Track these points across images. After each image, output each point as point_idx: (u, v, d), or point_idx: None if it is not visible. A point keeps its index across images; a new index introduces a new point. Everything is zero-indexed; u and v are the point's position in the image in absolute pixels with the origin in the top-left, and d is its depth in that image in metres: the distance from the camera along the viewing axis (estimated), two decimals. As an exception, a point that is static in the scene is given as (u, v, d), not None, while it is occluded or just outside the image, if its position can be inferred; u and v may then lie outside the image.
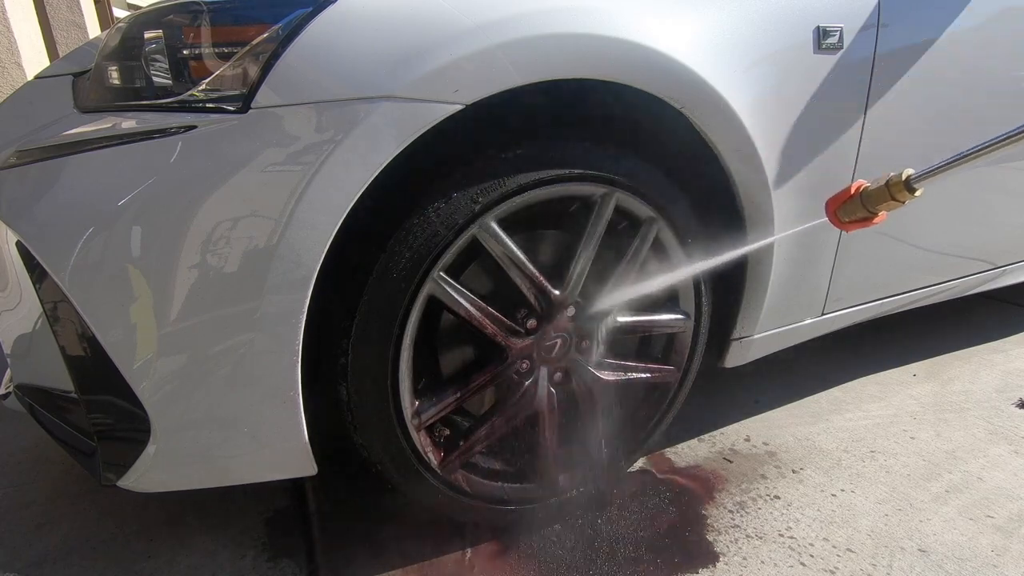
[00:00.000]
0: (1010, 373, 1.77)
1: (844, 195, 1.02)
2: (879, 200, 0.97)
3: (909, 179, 0.95)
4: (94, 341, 0.83)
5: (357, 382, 0.97)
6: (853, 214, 1.01)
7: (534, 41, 0.89)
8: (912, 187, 0.95)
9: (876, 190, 0.98)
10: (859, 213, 1.00)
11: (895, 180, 0.96)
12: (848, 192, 1.01)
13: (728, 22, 1.06)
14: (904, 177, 0.95)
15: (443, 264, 0.97)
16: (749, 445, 1.45)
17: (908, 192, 0.96)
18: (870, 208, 0.99)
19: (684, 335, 1.27)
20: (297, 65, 0.82)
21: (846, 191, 1.01)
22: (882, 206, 0.98)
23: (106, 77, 0.90)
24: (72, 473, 1.33)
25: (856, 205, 1.00)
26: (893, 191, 0.96)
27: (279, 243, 0.82)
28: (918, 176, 0.95)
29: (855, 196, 1.00)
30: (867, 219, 1.01)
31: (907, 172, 0.96)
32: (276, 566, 1.10)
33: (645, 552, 1.13)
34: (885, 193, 0.97)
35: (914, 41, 1.24)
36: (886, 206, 0.98)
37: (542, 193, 1.00)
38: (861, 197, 0.99)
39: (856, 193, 1.00)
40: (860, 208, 1.00)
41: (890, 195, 0.96)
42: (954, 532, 1.17)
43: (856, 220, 1.01)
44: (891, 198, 0.96)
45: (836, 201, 1.03)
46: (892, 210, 0.99)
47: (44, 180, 0.86)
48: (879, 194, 0.97)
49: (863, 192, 0.99)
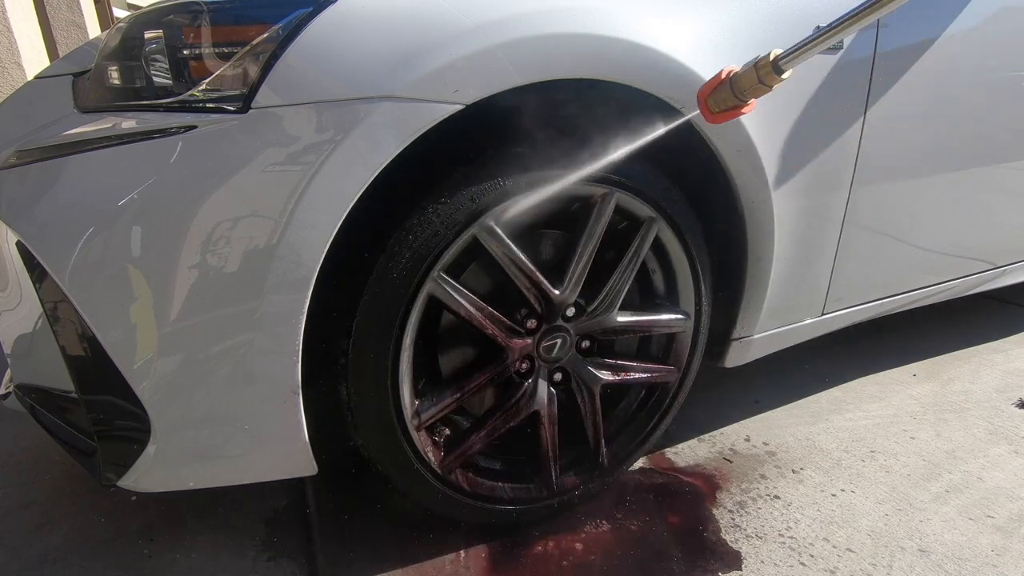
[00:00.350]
0: (1010, 373, 1.77)
1: (715, 82, 0.96)
2: (748, 84, 0.92)
3: (777, 59, 0.90)
4: (94, 341, 0.83)
5: (357, 382, 0.97)
6: (724, 103, 0.96)
7: (534, 41, 0.89)
8: (780, 68, 0.90)
9: (744, 74, 0.92)
10: (729, 102, 0.95)
11: (763, 62, 0.91)
12: (719, 78, 0.96)
13: (728, 22, 1.06)
14: (772, 58, 0.90)
15: (443, 264, 0.97)
16: (749, 445, 1.45)
17: (776, 74, 0.90)
18: (739, 95, 0.93)
19: (684, 335, 1.27)
20: (297, 65, 0.82)
21: (716, 77, 0.96)
22: (750, 91, 0.93)
23: (106, 77, 0.90)
24: (72, 473, 1.33)
25: (726, 93, 0.94)
26: (761, 74, 0.91)
27: (279, 243, 0.82)
28: (786, 55, 0.89)
29: (724, 82, 0.95)
30: (737, 107, 0.95)
31: (775, 52, 0.91)
32: (276, 566, 1.10)
33: (645, 552, 1.13)
34: (753, 76, 0.91)
35: (914, 41, 1.24)
36: (754, 91, 0.92)
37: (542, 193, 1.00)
38: (730, 84, 0.94)
39: (726, 79, 0.95)
40: (730, 96, 0.94)
41: (758, 78, 0.91)
42: (954, 532, 1.17)
43: (727, 110, 0.96)
44: (759, 82, 0.91)
45: (707, 89, 0.97)
46: (761, 96, 0.94)
47: (44, 180, 0.86)
48: (747, 78, 0.92)
49: (732, 78, 0.94)
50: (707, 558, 1.12)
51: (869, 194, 1.29)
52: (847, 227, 1.31)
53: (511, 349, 1.08)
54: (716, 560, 1.11)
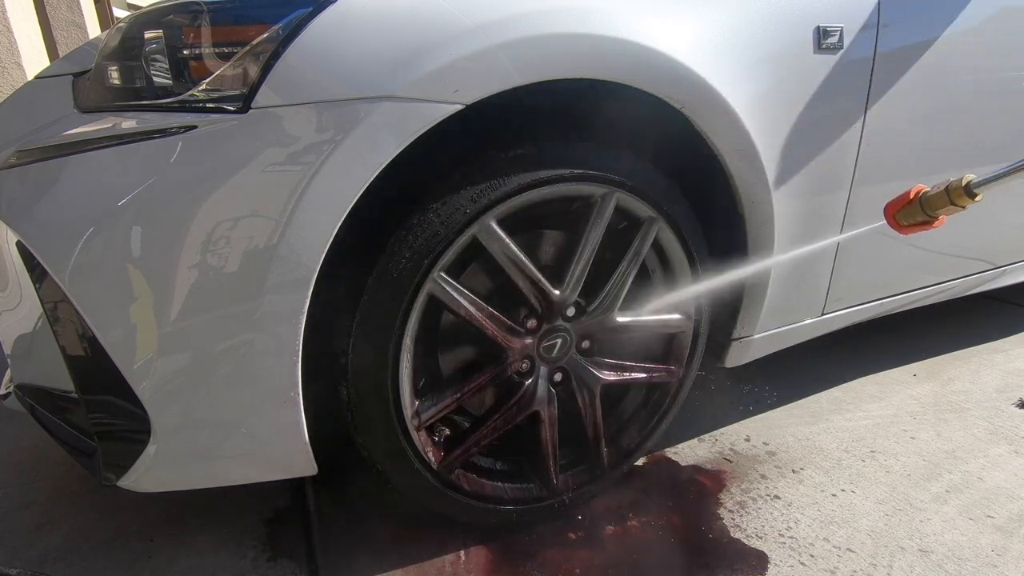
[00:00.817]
0: (1010, 373, 1.77)
1: (903, 200, 1.03)
2: (938, 205, 0.99)
3: (970, 185, 0.96)
4: (94, 341, 0.83)
5: (357, 382, 0.97)
6: (912, 218, 1.03)
7: (534, 41, 0.89)
8: (972, 192, 0.96)
9: (936, 195, 0.99)
10: (918, 217, 1.02)
11: (955, 186, 0.97)
12: (907, 197, 1.03)
13: (728, 22, 1.06)
14: (964, 183, 0.96)
15: (443, 264, 0.97)
16: (749, 445, 1.45)
17: (968, 197, 0.96)
18: (929, 213, 1.00)
19: (684, 335, 1.27)
20: (297, 65, 0.82)
21: (905, 196, 1.03)
22: (942, 211, 0.99)
23: (106, 77, 0.90)
24: (72, 473, 1.33)
25: (915, 210, 1.01)
26: (953, 196, 0.97)
27: (279, 243, 0.82)
28: (979, 182, 0.96)
29: (914, 201, 1.01)
30: (927, 223, 1.02)
31: (968, 177, 0.97)
32: (276, 566, 1.10)
33: (645, 552, 1.13)
34: (945, 198, 0.98)
35: (914, 41, 1.24)
36: (946, 211, 0.99)
37: (542, 193, 1.01)
38: (920, 202, 1.01)
39: (915, 198, 1.01)
40: (919, 213, 1.01)
41: (950, 200, 0.97)
42: (954, 532, 1.17)
43: (915, 224, 1.03)
44: (951, 203, 0.97)
45: (895, 205, 1.04)
46: (952, 215, 1.00)
47: (44, 180, 0.86)
48: (939, 199, 0.99)
49: (922, 197, 1.01)
50: (707, 558, 1.12)
51: (869, 194, 1.29)
52: (847, 227, 1.31)
53: (511, 349, 1.08)
54: (716, 560, 1.11)
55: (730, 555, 1.12)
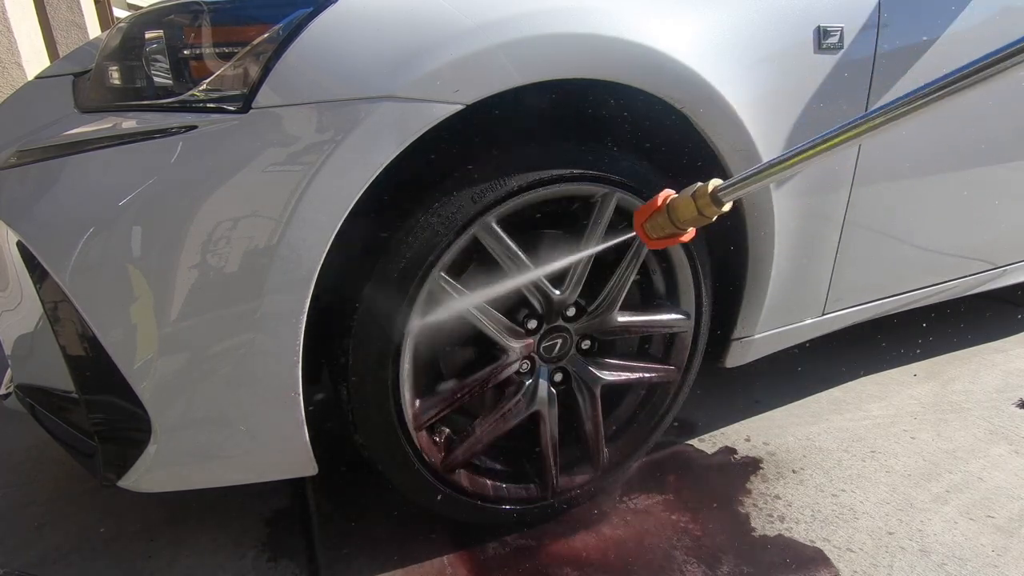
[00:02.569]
0: (1010, 373, 1.77)
1: (651, 206, 0.91)
2: (686, 214, 0.87)
3: (716, 191, 0.85)
4: (95, 341, 0.83)
5: (357, 382, 0.97)
6: (661, 230, 0.91)
7: (534, 41, 0.89)
8: (720, 200, 0.85)
9: (682, 202, 0.87)
10: (667, 229, 0.90)
11: (701, 191, 0.85)
12: (655, 204, 0.91)
13: (729, 22, 1.06)
14: (711, 189, 0.85)
15: (444, 264, 0.97)
16: (749, 445, 1.45)
17: (715, 206, 0.85)
18: (678, 224, 0.88)
19: (684, 335, 1.27)
20: (298, 65, 0.82)
21: (653, 202, 0.91)
22: (688, 221, 0.88)
23: (107, 77, 0.90)
24: (72, 473, 1.33)
25: (664, 220, 0.89)
26: (700, 205, 0.85)
27: (280, 243, 0.82)
28: (725, 188, 0.85)
29: (661, 209, 0.90)
30: (675, 235, 0.90)
31: (713, 183, 0.86)
32: (276, 566, 1.10)
33: (644, 552, 1.13)
34: (691, 206, 0.86)
35: (914, 41, 1.24)
36: (694, 221, 0.87)
37: (543, 193, 1.00)
38: (668, 211, 0.89)
39: (663, 206, 0.90)
40: (668, 223, 0.89)
41: (697, 209, 0.86)
42: (955, 532, 1.17)
43: (664, 237, 0.91)
44: (698, 212, 0.86)
45: (643, 213, 0.92)
46: (700, 226, 0.89)
47: (45, 180, 0.86)
48: (685, 207, 0.87)
49: (669, 204, 0.89)
50: (707, 559, 1.12)
51: (869, 194, 1.29)
52: (847, 227, 1.30)
53: (512, 349, 1.08)
54: (716, 561, 1.11)
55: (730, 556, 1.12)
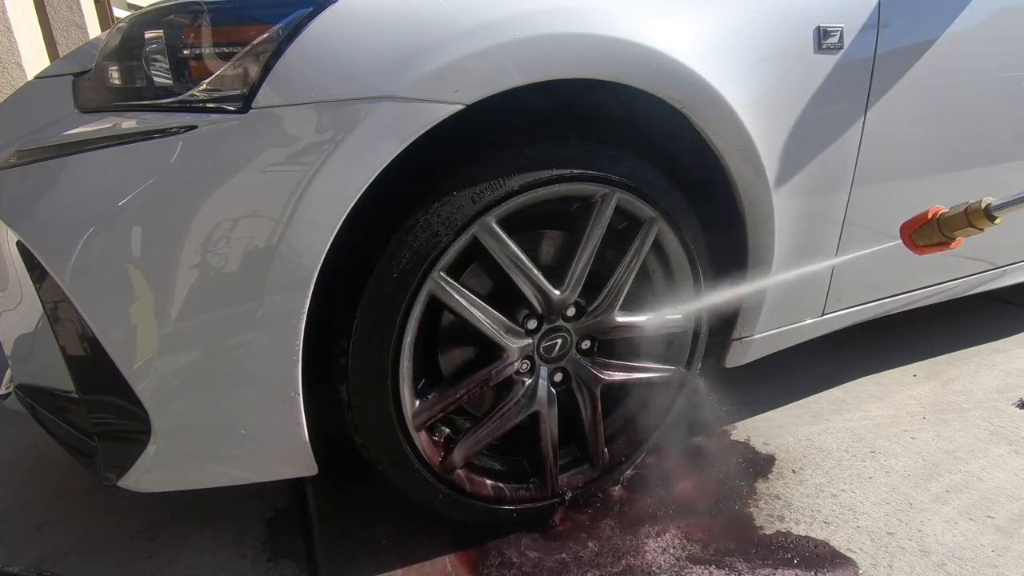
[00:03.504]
0: (1010, 373, 1.77)
1: (920, 220, 1.03)
2: (956, 227, 0.99)
3: (990, 208, 0.96)
4: (94, 341, 0.83)
5: (357, 382, 0.97)
6: (929, 239, 1.02)
7: (535, 41, 0.89)
8: (992, 215, 0.96)
9: (954, 217, 0.99)
10: (935, 238, 1.01)
11: (974, 208, 0.97)
12: (925, 217, 1.02)
13: (728, 22, 1.06)
14: (984, 206, 0.96)
15: (443, 264, 0.97)
16: (749, 445, 1.45)
17: (988, 220, 0.96)
18: (947, 234, 1.00)
19: (684, 335, 1.27)
20: (298, 65, 0.82)
21: (923, 216, 1.03)
22: (959, 232, 0.99)
23: (106, 77, 0.90)
24: (72, 473, 1.33)
25: (932, 230, 1.01)
26: (972, 219, 0.97)
27: (279, 243, 0.82)
28: (1000, 205, 0.96)
29: (931, 222, 1.01)
30: (944, 244, 1.02)
31: (987, 200, 0.96)
32: (276, 566, 1.10)
33: (643, 553, 1.13)
34: (963, 220, 0.98)
35: (914, 41, 1.24)
36: (963, 232, 0.99)
37: (542, 193, 1.00)
38: (938, 223, 1.00)
39: (933, 219, 1.01)
40: (937, 234, 1.01)
41: (969, 222, 0.97)
42: (954, 532, 1.17)
43: (932, 244, 1.03)
44: (969, 224, 0.97)
45: (912, 226, 1.04)
46: (970, 236, 1.00)
47: (44, 180, 0.86)
48: (956, 221, 0.98)
49: (940, 218, 1.00)
50: (706, 559, 1.12)
51: (869, 194, 1.29)
52: (847, 227, 1.31)
53: (511, 349, 1.08)
54: (716, 561, 1.11)
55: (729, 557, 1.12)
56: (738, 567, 1.09)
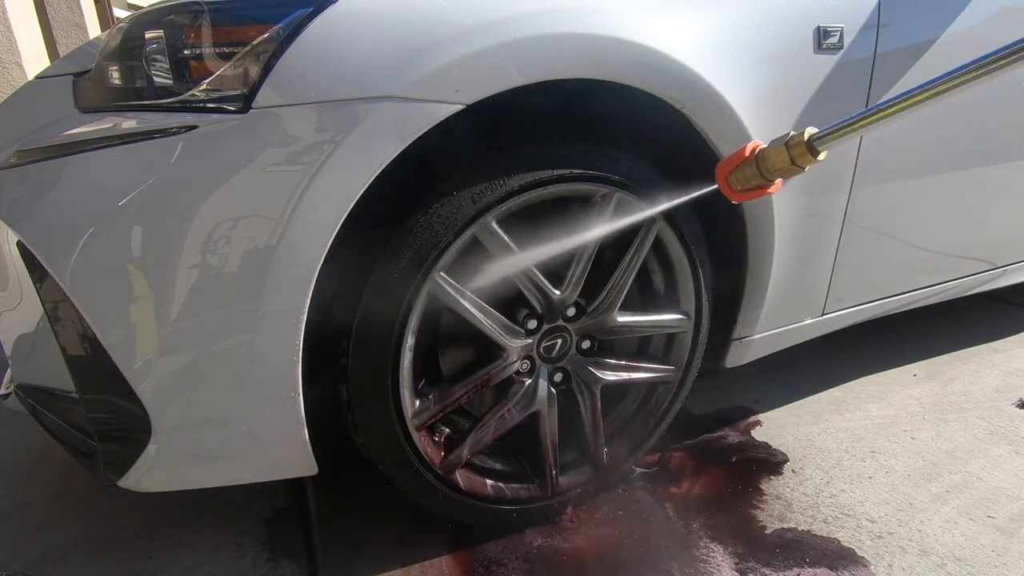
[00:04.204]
0: (1010, 373, 1.77)
1: (738, 158, 0.87)
2: (777, 164, 0.83)
3: (812, 139, 0.81)
4: (95, 341, 0.83)
5: (357, 382, 0.97)
6: (747, 181, 0.87)
7: (535, 41, 0.89)
8: (816, 149, 0.81)
9: (774, 151, 0.83)
10: (754, 180, 0.86)
11: (796, 140, 0.81)
12: (742, 154, 0.87)
13: (729, 22, 1.06)
14: (807, 137, 0.80)
15: (444, 264, 0.97)
16: (749, 445, 1.45)
17: (811, 155, 0.81)
18: (766, 174, 0.85)
19: (684, 335, 1.27)
20: (298, 65, 0.82)
21: (740, 153, 0.87)
22: (779, 171, 0.84)
23: (107, 77, 0.90)
24: (72, 473, 1.33)
25: (751, 170, 0.86)
26: (794, 154, 0.81)
27: (279, 243, 0.82)
28: (822, 135, 0.80)
29: (750, 159, 0.86)
30: (762, 187, 0.87)
31: (809, 131, 0.81)
32: (276, 566, 1.10)
33: (641, 553, 1.13)
34: (784, 155, 0.82)
35: (915, 41, 1.24)
36: (784, 171, 0.84)
37: (542, 193, 1.00)
38: (756, 160, 0.85)
39: (751, 155, 0.86)
40: (756, 174, 0.85)
41: (790, 158, 0.82)
42: (954, 532, 1.17)
43: (750, 188, 0.88)
44: (791, 162, 0.82)
45: (728, 165, 0.89)
46: (790, 177, 0.85)
47: (45, 180, 0.86)
48: (777, 156, 0.83)
49: (759, 154, 0.85)
50: (706, 559, 1.12)
51: (869, 194, 1.29)
52: (847, 227, 1.31)
53: (511, 349, 1.08)
54: (715, 561, 1.11)
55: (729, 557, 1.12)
56: (737, 567, 1.09)
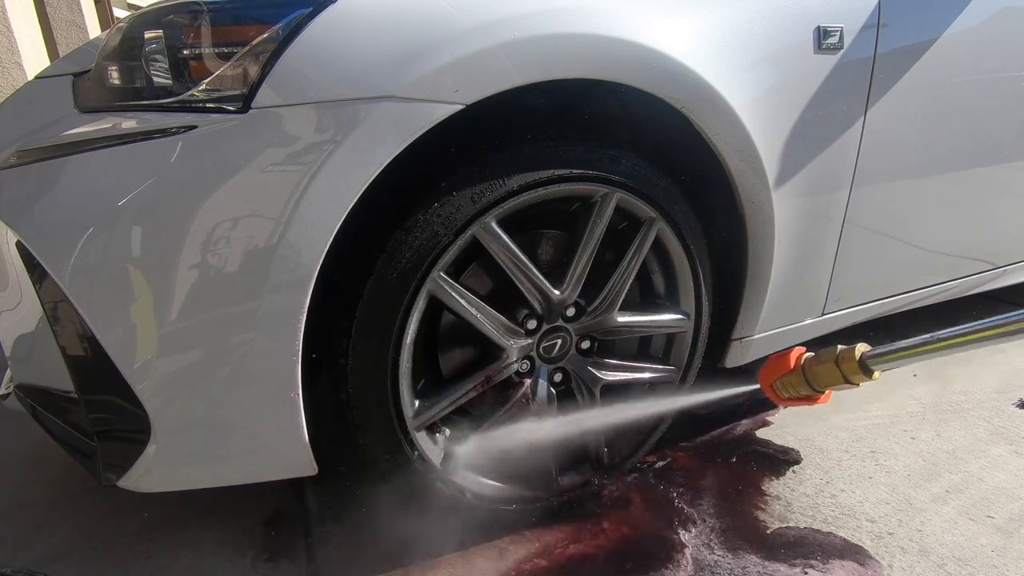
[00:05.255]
0: (1010, 373, 1.77)
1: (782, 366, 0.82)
2: (829, 381, 0.79)
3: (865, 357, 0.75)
4: (94, 341, 0.83)
5: (357, 382, 0.97)
6: (795, 391, 0.82)
7: (534, 41, 0.89)
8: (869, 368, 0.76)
9: (825, 369, 0.78)
10: (802, 390, 0.81)
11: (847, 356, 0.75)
12: (787, 363, 0.82)
13: (728, 22, 1.06)
14: (859, 356, 0.76)
15: (443, 264, 0.97)
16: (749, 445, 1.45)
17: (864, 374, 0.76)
18: (816, 387, 0.80)
19: (684, 335, 1.27)
20: (297, 65, 0.82)
21: (784, 361, 0.81)
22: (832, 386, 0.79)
23: (106, 77, 0.90)
24: (72, 473, 1.33)
25: (799, 381, 0.80)
26: (846, 370, 0.77)
27: (279, 243, 0.82)
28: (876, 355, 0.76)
29: (795, 370, 0.81)
30: (812, 397, 0.82)
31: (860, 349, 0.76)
32: (276, 566, 1.10)
33: (642, 552, 1.13)
34: (836, 373, 0.77)
35: (915, 41, 1.24)
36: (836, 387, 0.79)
37: (542, 193, 1.00)
38: (804, 372, 0.80)
39: (796, 367, 0.81)
40: (803, 385, 0.80)
41: (842, 375, 0.77)
42: (954, 532, 1.17)
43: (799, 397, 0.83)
44: (844, 380, 0.77)
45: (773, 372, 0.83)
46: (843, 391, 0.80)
47: (44, 180, 0.86)
48: (829, 374, 0.78)
49: (806, 367, 0.80)
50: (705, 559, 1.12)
51: (869, 194, 1.29)
52: (847, 227, 1.30)
53: (511, 349, 1.08)
54: (714, 561, 1.11)
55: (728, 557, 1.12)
56: (736, 567, 1.09)
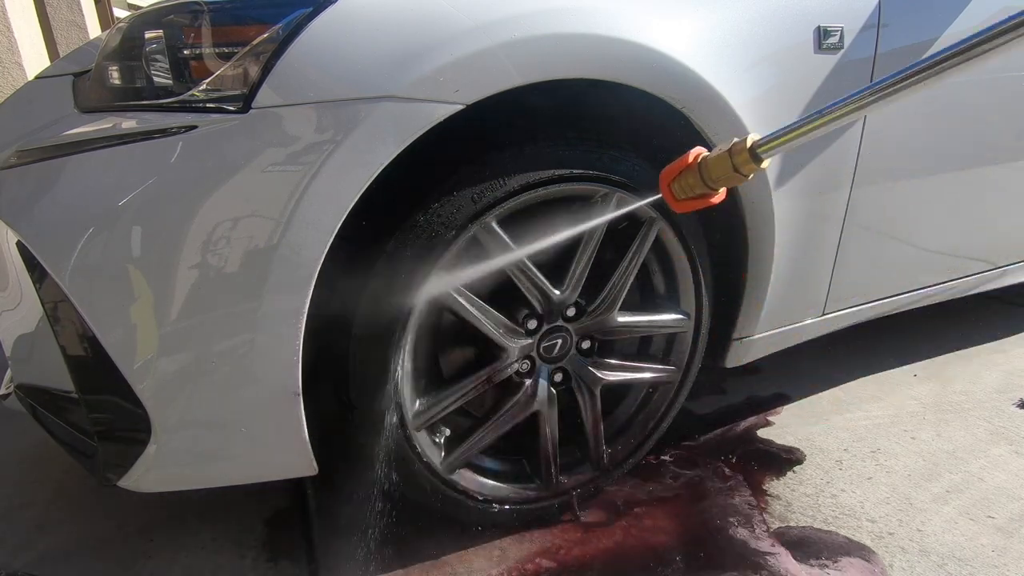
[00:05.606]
0: (1011, 373, 1.77)
1: (680, 165, 0.86)
2: (719, 172, 0.83)
3: (755, 146, 0.81)
4: (94, 341, 0.83)
5: (357, 382, 0.97)
6: (691, 190, 0.86)
7: (535, 41, 0.89)
8: (759, 156, 0.80)
9: (716, 159, 0.83)
10: (697, 188, 0.85)
11: (738, 147, 0.80)
12: (685, 161, 0.86)
13: (729, 22, 1.06)
14: (749, 144, 0.80)
15: (443, 264, 0.97)
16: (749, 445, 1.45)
17: (755, 163, 0.80)
18: (709, 183, 0.84)
19: (684, 335, 1.27)
20: (298, 65, 0.82)
21: (683, 160, 0.86)
22: (722, 180, 0.83)
23: (107, 77, 0.90)
24: (72, 473, 1.33)
25: (694, 178, 0.85)
26: (736, 162, 0.81)
27: (280, 243, 0.82)
28: (765, 141, 0.80)
29: (692, 167, 0.85)
30: (705, 196, 0.86)
31: (752, 138, 0.81)
32: (276, 566, 1.10)
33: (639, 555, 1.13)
34: (727, 163, 0.82)
35: (915, 41, 1.24)
36: (727, 180, 0.83)
37: (542, 193, 1.00)
38: (700, 169, 0.84)
39: (694, 163, 0.85)
40: (699, 183, 0.84)
41: (732, 166, 0.82)
42: (955, 532, 1.17)
43: (693, 197, 0.87)
44: (733, 170, 0.82)
45: (671, 173, 0.88)
46: (733, 186, 0.85)
47: (45, 180, 0.85)
48: (720, 165, 0.82)
49: (702, 163, 0.84)
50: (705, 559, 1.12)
51: (869, 194, 1.29)
52: (848, 227, 1.30)
53: (512, 349, 1.08)
54: (714, 561, 1.11)
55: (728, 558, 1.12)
56: (736, 567, 1.09)
